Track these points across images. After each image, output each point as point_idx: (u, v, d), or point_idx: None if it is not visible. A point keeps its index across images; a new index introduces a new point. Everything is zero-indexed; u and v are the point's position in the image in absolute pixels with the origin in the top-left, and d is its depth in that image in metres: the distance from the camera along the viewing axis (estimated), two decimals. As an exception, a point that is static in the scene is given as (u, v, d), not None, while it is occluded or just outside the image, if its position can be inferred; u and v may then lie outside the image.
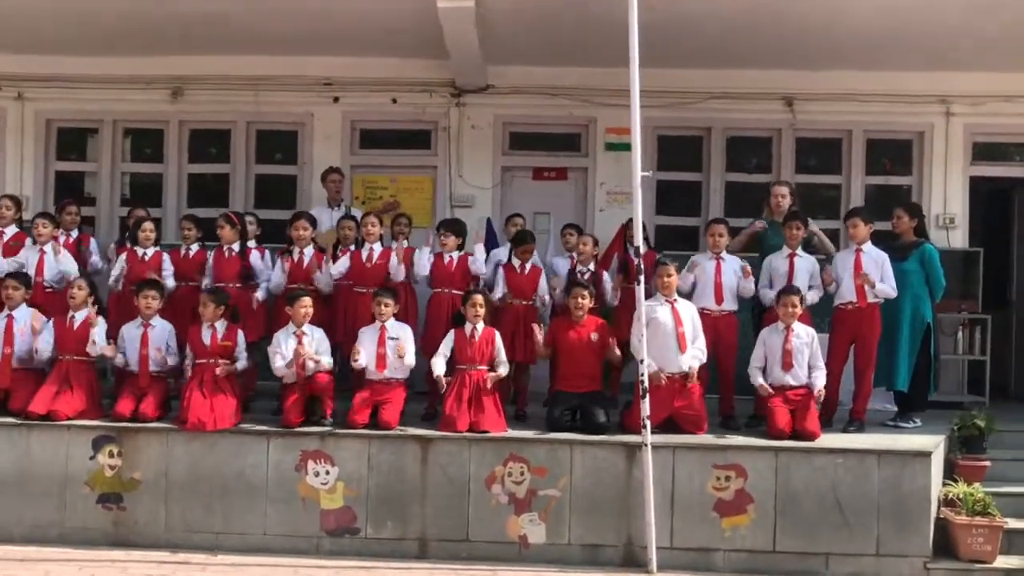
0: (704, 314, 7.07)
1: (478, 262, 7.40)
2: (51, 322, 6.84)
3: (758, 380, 6.75)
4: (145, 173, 10.08)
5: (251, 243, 7.61)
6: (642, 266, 6.21)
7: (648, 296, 6.52)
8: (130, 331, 6.81)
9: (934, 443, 6.53)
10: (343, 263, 7.39)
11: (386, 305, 6.80)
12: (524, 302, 7.33)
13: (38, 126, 9.92)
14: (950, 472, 6.72)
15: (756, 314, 7.58)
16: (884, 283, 7.01)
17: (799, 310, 6.78)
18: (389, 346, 6.74)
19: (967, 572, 6.17)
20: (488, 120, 9.71)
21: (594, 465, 6.34)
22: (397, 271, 7.27)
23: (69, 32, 8.87)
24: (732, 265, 7.19)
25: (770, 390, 6.65)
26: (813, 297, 7.19)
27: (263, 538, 6.36)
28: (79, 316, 6.79)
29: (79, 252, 7.85)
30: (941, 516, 6.39)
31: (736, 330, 7.21)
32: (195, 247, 7.67)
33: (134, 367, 6.77)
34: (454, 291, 7.25)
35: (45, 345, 6.75)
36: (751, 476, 6.27)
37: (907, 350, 7.23)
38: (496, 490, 6.34)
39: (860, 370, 7.11)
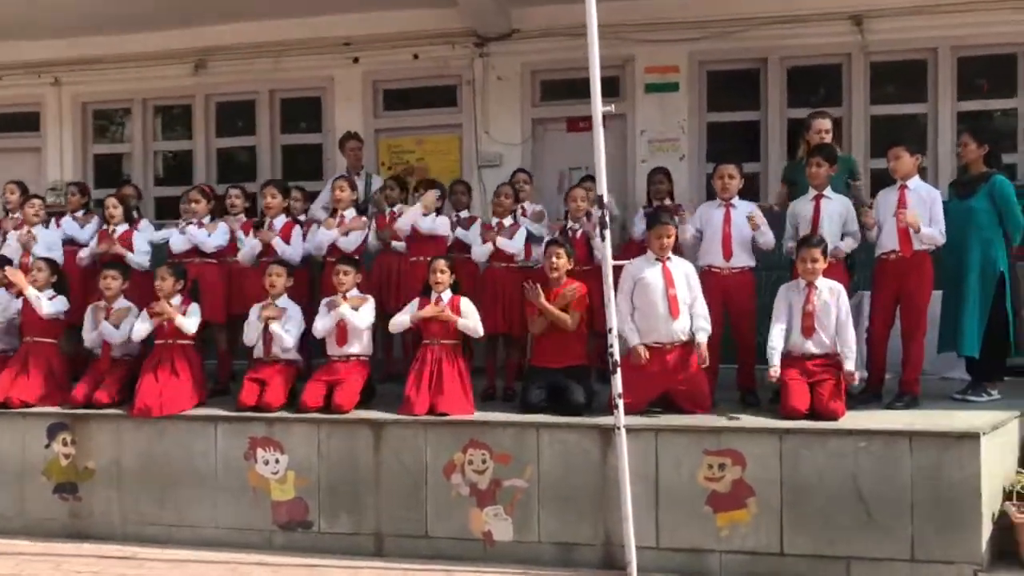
0: (712, 272, 6.02)
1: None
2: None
3: (775, 359, 5.63)
4: (177, 151, 9.91)
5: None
6: (607, 219, 5.26)
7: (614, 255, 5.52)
8: (95, 312, 6.49)
9: (994, 421, 5.23)
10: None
11: (345, 273, 6.15)
12: (504, 264, 6.48)
13: (75, 110, 9.95)
14: (1032, 458, 5.41)
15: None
16: (932, 227, 5.71)
17: (821, 264, 5.60)
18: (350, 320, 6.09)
19: (1033, 583, 4.90)
20: (515, 70, 8.89)
21: (564, 451, 5.46)
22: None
23: (94, 12, 8.74)
24: (745, 212, 6.05)
25: (777, 374, 5.53)
26: (848, 246, 5.98)
27: (215, 531, 5.88)
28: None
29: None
30: (1004, 513, 5.12)
31: (752, 289, 6.09)
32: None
33: (97, 350, 6.47)
34: (424, 258, 6.47)
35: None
36: (750, 464, 5.21)
37: (976, 306, 5.88)
38: (456, 480, 5.58)
39: (907, 332, 5.83)
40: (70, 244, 7.27)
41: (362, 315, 6.07)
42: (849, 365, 5.60)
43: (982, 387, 5.99)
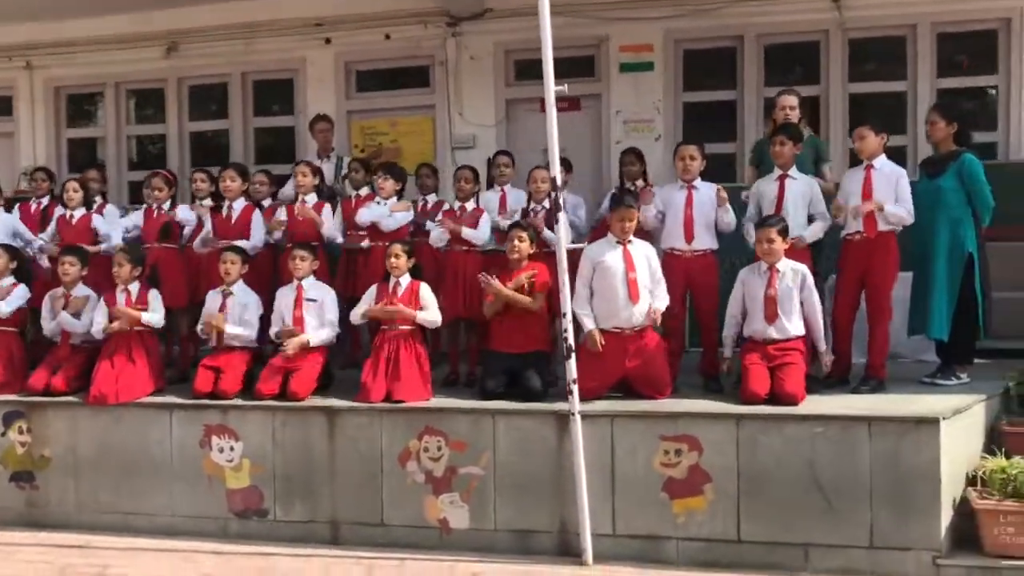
0: (674, 255, 5.91)
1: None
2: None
3: (727, 348, 5.59)
4: (150, 134, 9.81)
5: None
6: (561, 201, 5.16)
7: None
8: (53, 300, 6.40)
9: (958, 405, 5.13)
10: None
11: (302, 259, 6.06)
12: (465, 248, 6.37)
13: (47, 94, 9.83)
14: (1000, 443, 5.29)
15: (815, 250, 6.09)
16: (899, 206, 5.59)
17: (779, 245, 5.48)
18: (307, 308, 6.01)
19: (992, 571, 4.79)
20: (488, 49, 8.74)
21: (520, 438, 5.37)
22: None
23: None
24: (707, 193, 5.91)
25: (728, 361, 5.48)
26: (815, 231, 5.86)
27: (171, 520, 5.82)
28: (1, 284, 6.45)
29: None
30: (966, 499, 5.03)
31: (715, 272, 5.96)
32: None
33: (55, 337, 6.39)
34: (384, 244, 6.34)
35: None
36: (707, 450, 5.11)
37: (944, 288, 5.73)
38: (411, 468, 5.50)
39: (872, 315, 5.72)
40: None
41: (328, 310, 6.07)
42: (822, 346, 5.53)
43: (952, 370, 5.86)
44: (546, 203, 6.40)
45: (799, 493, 4.99)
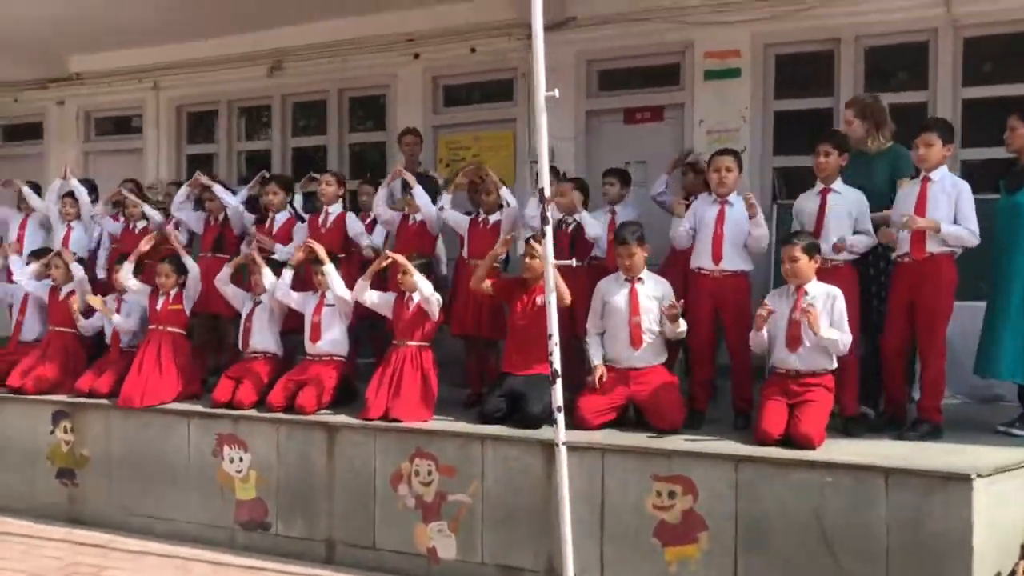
0: (701, 275, 5.37)
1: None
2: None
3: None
4: (258, 150, 10.20)
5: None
6: (549, 215, 4.78)
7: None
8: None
9: (1007, 461, 4.34)
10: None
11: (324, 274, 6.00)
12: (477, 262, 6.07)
13: (170, 112, 10.41)
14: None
15: (873, 265, 5.41)
16: (958, 225, 4.81)
17: (804, 264, 4.83)
18: (325, 312, 5.94)
19: (1035, 664, 3.98)
20: (569, 60, 8.39)
21: (507, 467, 5.03)
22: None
23: (184, 19, 9.06)
24: (741, 210, 5.31)
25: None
26: (860, 243, 5.14)
27: (186, 526, 5.90)
28: (64, 289, 6.82)
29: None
30: (1015, 573, 4.22)
31: (747, 295, 5.35)
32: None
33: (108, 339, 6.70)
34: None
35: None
36: (702, 494, 4.57)
37: (1021, 322, 4.91)
38: (403, 491, 5.28)
39: (924, 349, 4.95)
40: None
41: (338, 284, 5.93)
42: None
43: (1031, 419, 4.99)
44: (576, 217, 6.03)
45: (804, 549, 4.36)
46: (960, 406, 5.78)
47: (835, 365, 4.86)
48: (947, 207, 4.87)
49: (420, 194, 6.37)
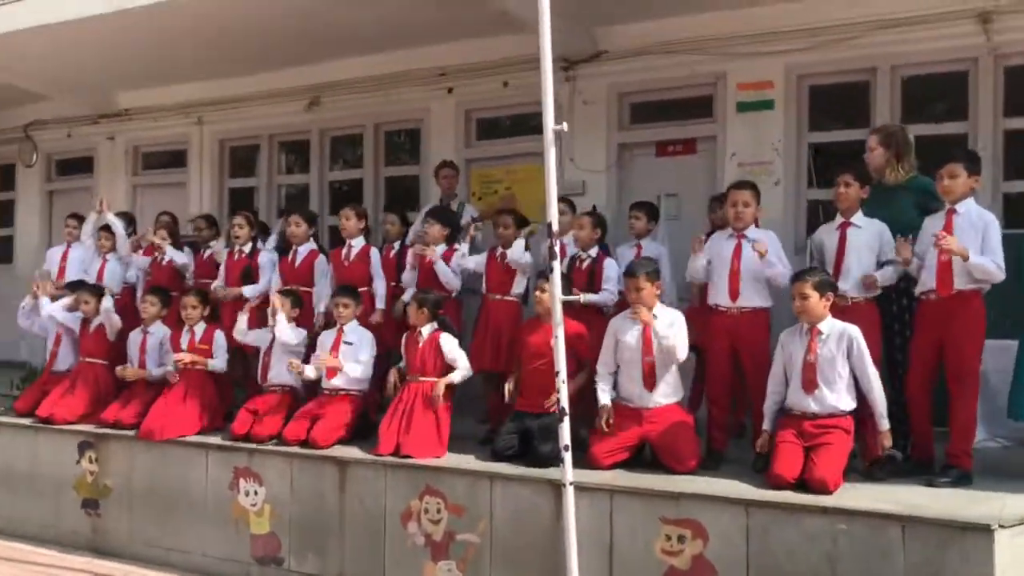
0: (718, 313, 5.24)
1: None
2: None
3: (768, 414, 4.87)
4: (296, 183, 10.33)
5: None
6: (556, 249, 4.73)
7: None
8: (132, 336, 6.79)
9: (1033, 512, 4.10)
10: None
11: (344, 306, 6.01)
12: (500, 296, 6.03)
13: (213, 147, 10.61)
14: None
15: (896, 303, 5.24)
16: (984, 257, 4.60)
17: (815, 302, 4.67)
18: (343, 351, 5.94)
19: None
20: (601, 93, 8.35)
21: (516, 507, 4.93)
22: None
23: (227, 56, 9.26)
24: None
25: (765, 434, 4.77)
26: (888, 276, 4.96)
27: (202, 559, 5.91)
28: (95, 321, 6.93)
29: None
30: (1045, 631, 3.97)
31: (765, 333, 5.20)
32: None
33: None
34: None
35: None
36: (713, 539, 4.41)
37: (1053, 363, 4.68)
38: (412, 529, 5.21)
39: (952, 391, 4.71)
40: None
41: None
42: (884, 424, 4.67)
43: (1068, 466, 4.73)
44: (592, 252, 5.95)
45: (818, 600, 4.17)
46: (997, 450, 5.52)
47: (854, 406, 4.68)
48: (974, 239, 4.66)
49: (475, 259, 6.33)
